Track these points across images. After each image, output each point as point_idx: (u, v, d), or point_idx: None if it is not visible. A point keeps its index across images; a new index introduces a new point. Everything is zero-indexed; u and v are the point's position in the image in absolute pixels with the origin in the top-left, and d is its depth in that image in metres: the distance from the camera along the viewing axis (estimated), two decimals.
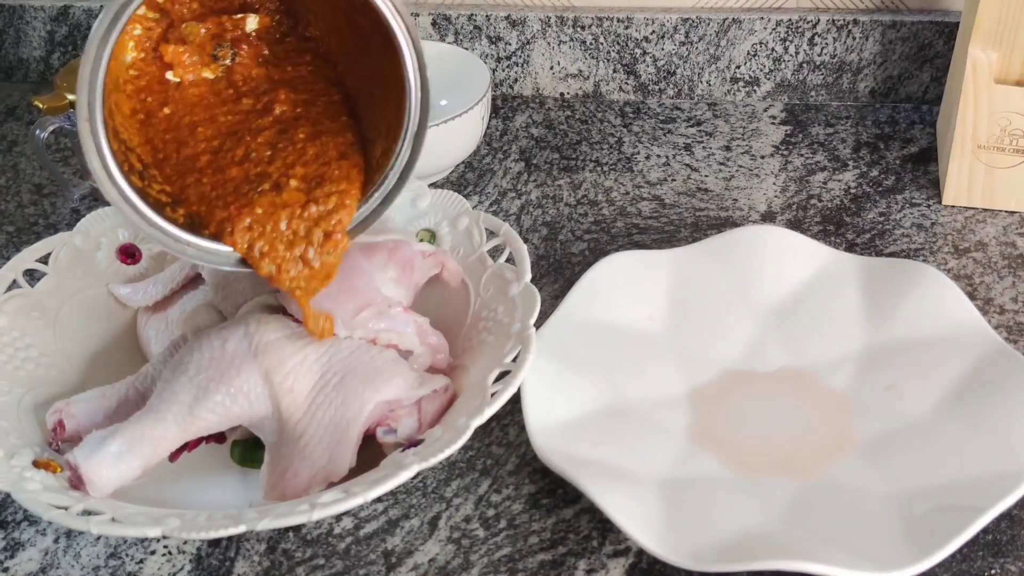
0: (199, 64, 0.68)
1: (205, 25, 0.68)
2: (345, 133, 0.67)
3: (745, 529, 0.64)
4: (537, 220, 0.91)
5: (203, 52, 0.68)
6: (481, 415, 0.64)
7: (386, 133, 0.66)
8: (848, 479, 0.67)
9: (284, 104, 0.67)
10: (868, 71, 1.00)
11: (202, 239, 0.64)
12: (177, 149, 0.65)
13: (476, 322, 0.75)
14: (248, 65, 0.68)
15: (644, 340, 0.76)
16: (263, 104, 0.67)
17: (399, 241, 0.73)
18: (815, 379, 0.74)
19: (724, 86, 1.03)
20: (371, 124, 0.67)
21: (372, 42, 0.64)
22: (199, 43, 0.67)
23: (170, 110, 0.67)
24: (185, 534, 0.59)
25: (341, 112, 0.68)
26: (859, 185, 0.92)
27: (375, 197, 0.66)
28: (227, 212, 0.63)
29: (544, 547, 0.66)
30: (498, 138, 1.01)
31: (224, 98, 0.68)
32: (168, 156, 0.65)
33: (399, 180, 0.66)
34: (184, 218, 0.64)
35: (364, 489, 0.61)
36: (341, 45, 0.69)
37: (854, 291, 0.77)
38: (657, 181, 0.94)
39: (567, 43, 1.03)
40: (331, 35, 0.69)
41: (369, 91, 0.67)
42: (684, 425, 0.71)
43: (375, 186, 0.66)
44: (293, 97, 0.68)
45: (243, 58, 0.68)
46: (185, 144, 0.65)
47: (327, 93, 0.68)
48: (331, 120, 0.67)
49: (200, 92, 0.68)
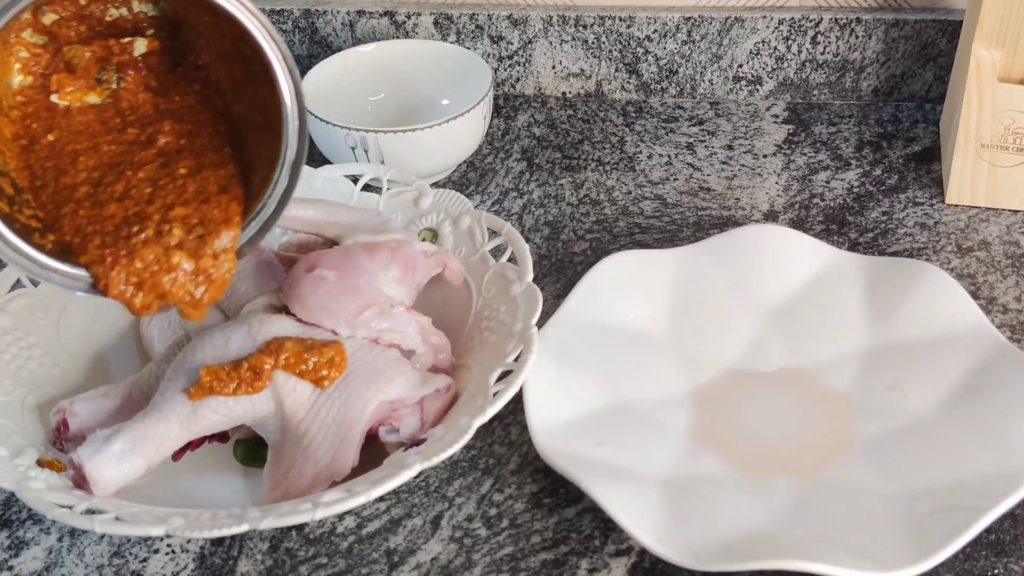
0: (84, 87, 0.67)
1: (90, 48, 0.67)
2: (227, 165, 0.66)
3: (747, 529, 0.64)
4: (539, 219, 0.91)
5: (88, 75, 0.67)
6: (483, 415, 0.64)
7: (267, 162, 0.65)
8: (850, 479, 0.67)
9: (168, 135, 0.66)
10: (871, 70, 1.01)
11: (71, 266, 0.62)
12: (56, 177, 0.64)
13: (478, 322, 0.75)
14: (134, 91, 0.68)
15: (646, 340, 0.76)
16: (147, 135, 0.66)
17: (401, 241, 0.73)
18: (817, 379, 0.74)
19: (726, 85, 1.03)
20: (255, 152, 0.67)
21: (254, 69, 0.64)
22: (84, 66, 0.67)
23: (55, 137, 0.66)
24: (188, 533, 0.60)
25: (225, 143, 0.67)
26: (862, 184, 0.92)
27: (252, 225, 0.65)
28: (102, 255, 0.62)
29: (546, 546, 0.66)
30: (500, 137, 1.01)
31: (110, 127, 0.67)
32: (46, 183, 0.64)
33: (276, 208, 0.65)
34: (54, 244, 0.63)
35: (367, 488, 0.61)
36: (229, 73, 0.68)
37: (857, 291, 0.77)
38: (659, 180, 0.94)
39: (569, 42, 1.03)
40: (220, 62, 0.69)
41: (254, 119, 0.67)
42: (686, 425, 0.71)
43: (252, 214, 0.65)
44: (178, 128, 0.67)
45: (129, 84, 0.67)
46: (65, 172, 0.65)
47: (213, 123, 0.68)
48: (214, 152, 0.67)
49: (87, 120, 0.67)
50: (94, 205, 0.63)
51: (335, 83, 0.97)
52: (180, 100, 0.68)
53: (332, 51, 1.05)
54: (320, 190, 0.84)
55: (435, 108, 0.99)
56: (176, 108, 0.68)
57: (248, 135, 0.67)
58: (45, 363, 0.74)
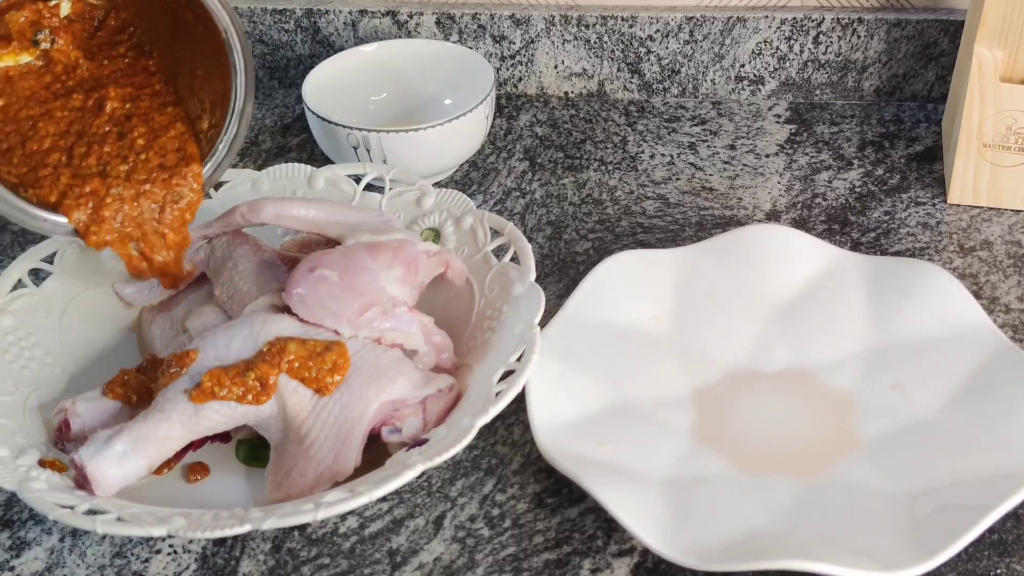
0: (17, 48, 0.72)
1: (23, 13, 0.72)
2: (175, 124, 0.74)
3: (750, 528, 0.64)
4: (541, 219, 0.91)
5: (23, 39, 0.73)
6: (486, 415, 0.64)
7: (211, 107, 0.73)
8: (853, 478, 0.67)
9: (114, 101, 0.73)
10: (873, 69, 1.01)
11: (55, 215, 0.71)
12: (22, 143, 0.72)
13: (480, 321, 0.75)
14: (66, 52, 0.74)
15: (648, 340, 0.76)
16: (94, 101, 0.73)
17: (404, 240, 0.73)
18: (820, 378, 0.74)
19: (729, 85, 1.03)
20: (195, 101, 0.74)
21: (185, 19, 0.70)
22: (19, 31, 0.72)
23: (3, 102, 0.72)
24: (190, 533, 0.60)
25: (165, 101, 0.74)
26: (864, 184, 0.92)
27: (207, 167, 0.74)
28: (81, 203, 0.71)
29: (549, 546, 0.66)
30: (502, 137, 1.01)
31: (55, 92, 0.73)
32: (12, 147, 0.72)
33: (228, 151, 0.74)
34: (35, 197, 0.71)
35: (369, 488, 0.61)
36: (154, 29, 0.75)
37: (859, 290, 0.77)
38: (661, 180, 0.95)
39: (571, 42, 1.03)
40: (143, 20, 0.75)
41: (190, 70, 0.74)
42: (689, 425, 0.72)
43: (207, 158, 0.74)
44: (120, 92, 0.74)
45: (61, 46, 0.73)
46: (29, 139, 0.72)
47: (148, 84, 0.75)
48: (159, 113, 0.74)
49: (30, 86, 0.73)
50: (75, 175, 0.71)
51: (337, 83, 0.97)
52: (110, 64, 0.75)
53: (334, 51, 1.05)
54: (322, 190, 0.84)
55: (437, 108, 0.99)
56: (109, 73, 0.74)
57: (183, 87, 0.74)
58: (47, 363, 0.75)
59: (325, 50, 1.06)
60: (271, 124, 1.04)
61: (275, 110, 1.06)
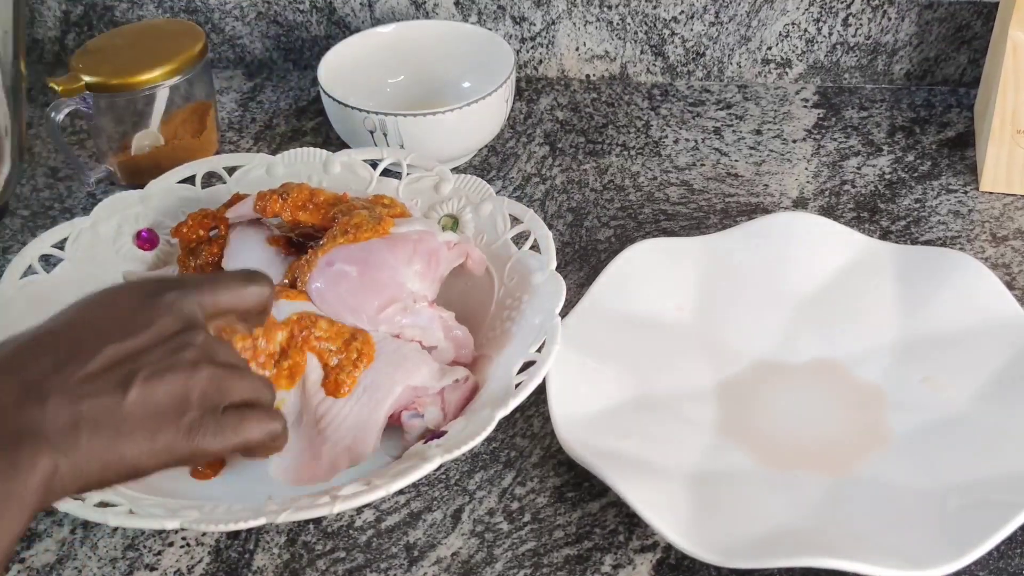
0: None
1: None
2: None
3: (776, 525, 0.64)
4: (562, 206, 0.90)
5: None
6: (505, 406, 0.64)
7: None
8: (882, 474, 0.67)
9: None
10: (904, 53, 0.99)
11: None
12: None
13: (500, 311, 0.74)
14: None
15: (672, 330, 0.76)
16: None
17: (423, 232, 0.73)
18: (848, 370, 0.73)
19: (755, 68, 1.02)
20: None
21: None
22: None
23: None
24: (204, 526, 0.60)
25: None
26: (894, 171, 0.92)
27: None
28: None
29: (569, 541, 0.66)
30: (522, 121, 1.00)
31: None
32: None
33: None
34: None
35: (387, 481, 0.61)
36: None
37: (889, 280, 0.76)
38: (686, 166, 0.94)
39: (593, 23, 1.02)
40: None
41: None
42: (713, 418, 0.71)
43: None
44: None
45: None
46: None
47: None
48: None
49: None
50: None
51: (353, 65, 0.96)
52: None
53: (350, 32, 1.05)
54: (338, 175, 0.84)
55: (456, 91, 0.98)
56: None
57: None
58: None
59: (341, 31, 1.06)
60: (285, 107, 1.04)
61: (289, 93, 1.06)
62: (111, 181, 0.94)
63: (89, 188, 0.94)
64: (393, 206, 0.76)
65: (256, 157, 0.85)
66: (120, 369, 0.49)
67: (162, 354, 0.50)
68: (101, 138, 0.92)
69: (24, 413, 0.47)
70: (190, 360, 0.51)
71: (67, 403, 0.48)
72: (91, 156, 0.98)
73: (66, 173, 0.97)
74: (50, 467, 0.47)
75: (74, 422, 0.48)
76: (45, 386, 0.48)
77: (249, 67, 1.10)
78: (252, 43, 1.08)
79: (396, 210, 0.75)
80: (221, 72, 1.08)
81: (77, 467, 0.48)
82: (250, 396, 0.54)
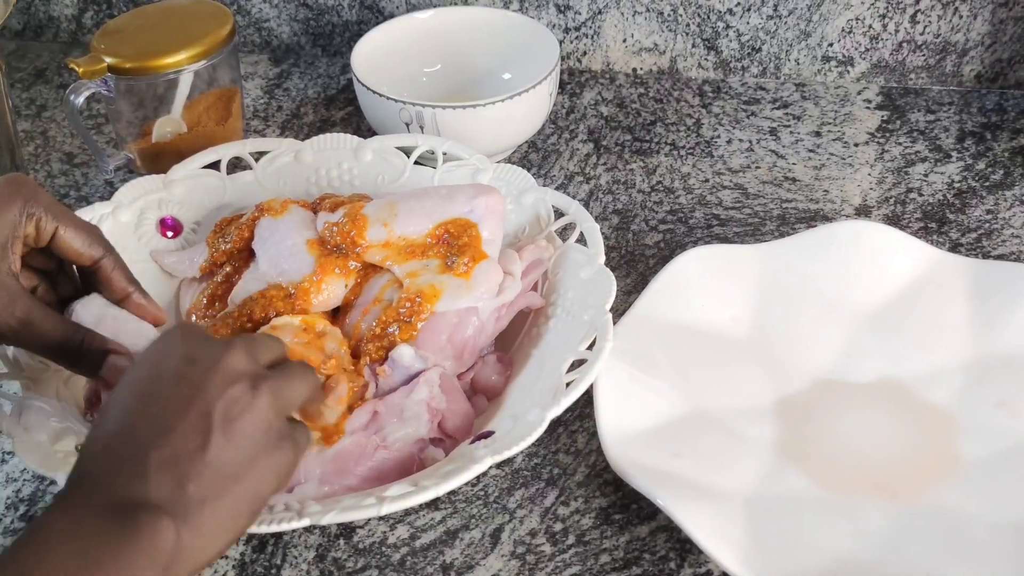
0: None
1: None
2: None
3: (837, 555, 0.63)
4: (607, 207, 0.90)
5: None
6: (557, 406, 0.64)
7: None
8: (952, 504, 0.66)
9: None
10: (975, 53, 0.99)
11: None
12: None
13: (543, 307, 0.74)
14: None
15: (727, 343, 0.75)
16: None
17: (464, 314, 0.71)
18: (915, 392, 0.72)
19: (814, 65, 1.02)
20: None
21: None
22: None
23: None
24: None
25: None
26: (964, 179, 0.91)
27: None
28: None
29: (617, 567, 0.65)
30: (564, 116, 1.00)
31: None
32: None
33: None
34: None
35: (435, 482, 0.60)
36: None
37: (960, 296, 0.76)
38: (739, 168, 0.93)
39: (642, 14, 1.02)
40: None
41: None
42: (771, 438, 0.70)
43: None
44: None
45: None
46: None
47: None
48: None
49: None
50: None
51: (388, 53, 0.96)
52: None
53: (384, 17, 1.05)
54: (370, 162, 0.84)
55: (495, 82, 0.98)
56: None
57: None
58: None
59: (374, 16, 1.05)
60: (314, 95, 1.04)
61: (318, 80, 1.06)
62: (130, 169, 0.93)
63: (107, 176, 0.93)
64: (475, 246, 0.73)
65: (284, 142, 0.85)
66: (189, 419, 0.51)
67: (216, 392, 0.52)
68: (120, 123, 0.91)
69: (132, 490, 0.49)
70: (243, 390, 0.53)
71: (166, 470, 0.50)
72: (108, 142, 0.98)
73: (82, 159, 0.97)
74: (172, 534, 0.49)
75: (179, 485, 0.50)
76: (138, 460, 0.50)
77: (275, 52, 1.10)
78: (279, 26, 1.08)
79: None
80: (246, 56, 1.08)
81: (198, 527, 0.50)
82: (304, 388, 0.58)
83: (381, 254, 0.73)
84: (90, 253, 0.68)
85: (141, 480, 0.49)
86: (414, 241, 0.73)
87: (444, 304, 0.70)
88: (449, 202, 0.74)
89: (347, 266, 0.73)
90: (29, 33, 1.12)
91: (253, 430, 0.53)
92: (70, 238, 0.67)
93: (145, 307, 0.70)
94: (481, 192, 0.75)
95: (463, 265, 0.72)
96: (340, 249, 0.73)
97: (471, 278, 0.71)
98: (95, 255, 0.68)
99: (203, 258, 0.78)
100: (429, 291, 0.71)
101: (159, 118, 0.91)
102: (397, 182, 0.83)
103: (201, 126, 0.92)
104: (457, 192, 0.75)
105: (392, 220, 0.74)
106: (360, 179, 0.84)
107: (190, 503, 0.50)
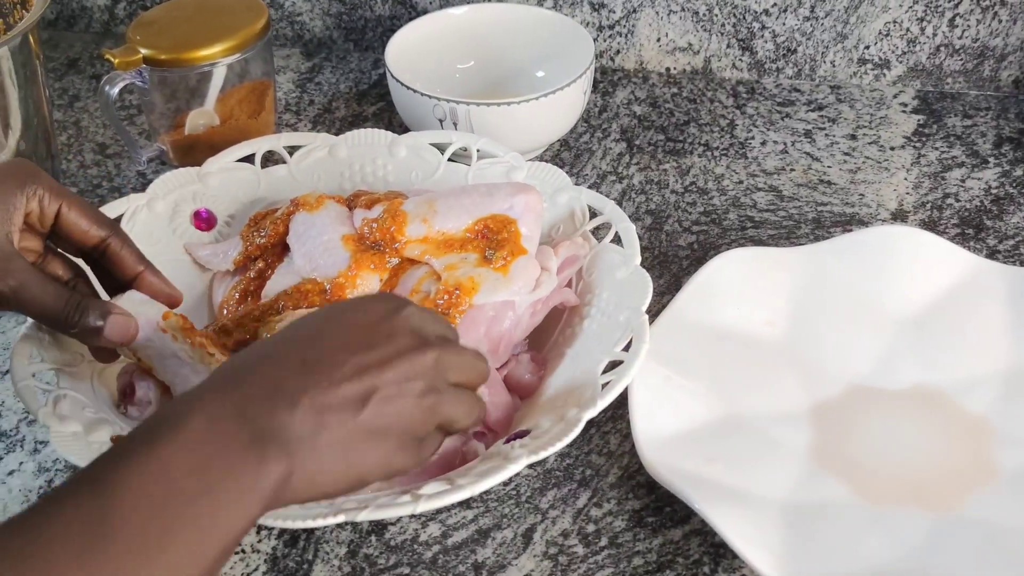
0: None
1: None
2: None
3: (873, 564, 0.63)
4: (640, 208, 0.90)
5: None
6: (594, 407, 0.64)
7: None
8: (991, 514, 0.66)
9: None
10: (1014, 58, 0.98)
11: None
12: None
13: (578, 307, 0.74)
14: None
15: (762, 347, 0.75)
16: None
17: (501, 308, 0.71)
18: (953, 400, 0.72)
19: (850, 68, 1.01)
20: None
21: None
22: None
23: None
24: (277, 523, 0.59)
25: None
26: (1001, 185, 0.90)
27: None
28: None
29: (650, 570, 0.65)
30: (596, 115, 1.00)
31: None
32: None
33: None
34: None
35: (471, 481, 0.60)
36: None
37: (999, 303, 0.75)
38: (774, 170, 0.93)
39: (677, 13, 1.02)
40: None
41: None
42: (806, 444, 0.70)
43: None
44: None
45: None
46: None
47: None
48: None
49: None
50: None
51: (421, 48, 0.96)
52: None
53: (417, 12, 1.05)
54: (404, 158, 0.84)
55: (529, 80, 0.98)
56: None
57: None
58: None
59: (407, 11, 1.06)
60: (346, 90, 1.04)
61: (350, 75, 1.06)
62: (162, 160, 0.94)
63: (140, 167, 0.94)
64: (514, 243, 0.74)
65: (318, 137, 0.85)
66: (360, 383, 0.52)
67: (396, 377, 0.53)
68: (154, 115, 0.92)
69: (275, 416, 0.50)
70: (419, 391, 0.54)
71: (313, 413, 0.51)
72: (141, 133, 0.98)
73: (115, 150, 0.97)
74: (286, 471, 0.49)
75: (316, 431, 0.51)
76: (295, 391, 0.51)
77: (308, 46, 1.10)
78: (312, 20, 1.08)
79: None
80: (278, 50, 1.09)
81: (310, 476, 0.50)
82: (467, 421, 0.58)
83: (419, 248, 0.73)
84: (97, 231, 0.68)
85: (289, 413, 0.50)
86: (453, 236, 0.74)
87: (482, 297, 0.71)
88: (489, 199, 0.74)
89: (382, 262, 0.74)
90: (62, 23, 1.13)
91: (402, 422, 0.54)
92: (75, 217, 0.67)
93: (158, 285, 0.69)
94: (520, 190, 0.75)
95: (501, 259, 0.72)
96: (378, 245, 0.74)
97: (509, 272, 0.71)
98: (102, 233, 0.68)
99: (237, 251, 0.78)
100: (468, 284, 0.71)
101: (192, 110, 0.91)
102: (431, 179, 0.83)
103: (234, 119, 0.93)
104: (496, 189, 0.75)
105: (432, 216, 0.74)
106: (394, 175, 0.84)
107: (313, 453, 0.50)
